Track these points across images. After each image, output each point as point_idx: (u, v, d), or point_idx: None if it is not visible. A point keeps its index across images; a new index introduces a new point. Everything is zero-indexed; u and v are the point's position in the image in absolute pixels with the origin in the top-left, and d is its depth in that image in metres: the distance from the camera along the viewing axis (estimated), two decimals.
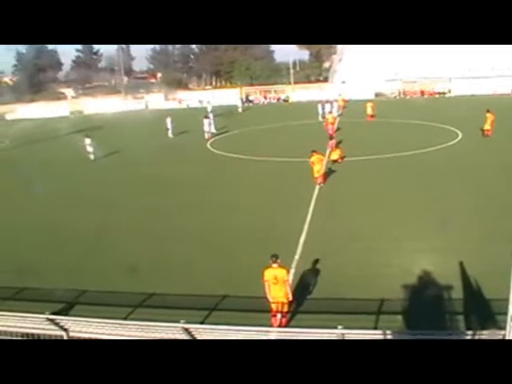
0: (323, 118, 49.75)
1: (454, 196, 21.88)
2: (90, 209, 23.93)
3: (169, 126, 46.62)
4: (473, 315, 12.27)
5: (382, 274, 14.47)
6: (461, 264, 14.55)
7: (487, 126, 36.00)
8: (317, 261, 15.73)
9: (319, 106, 52.06)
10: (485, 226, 17.89)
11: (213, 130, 46.75)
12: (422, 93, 76.68)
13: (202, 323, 11.99)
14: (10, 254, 18.17)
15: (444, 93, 75.66)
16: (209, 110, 53.45)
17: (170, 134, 46.56)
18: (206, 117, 45.83)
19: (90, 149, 37.03)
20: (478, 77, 73.00)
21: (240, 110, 67.86)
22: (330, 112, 47.13)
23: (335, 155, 30.40)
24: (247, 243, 17.97)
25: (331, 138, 34.26)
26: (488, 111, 36.36)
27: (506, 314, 8.51)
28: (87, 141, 37.42)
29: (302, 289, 14.14)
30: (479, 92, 69.13)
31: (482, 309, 12.37)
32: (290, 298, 12.29)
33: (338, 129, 41.83)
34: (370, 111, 49.98)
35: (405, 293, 13.38)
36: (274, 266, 11.92)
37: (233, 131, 47.99)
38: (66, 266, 16.84)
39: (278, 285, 11.88)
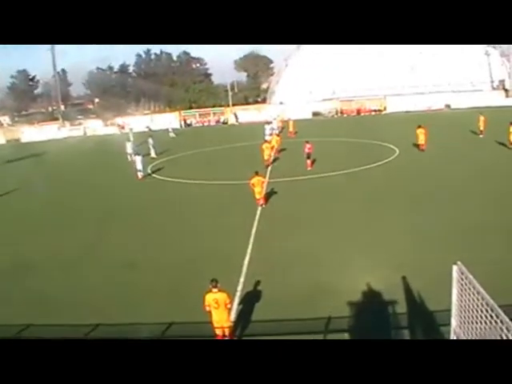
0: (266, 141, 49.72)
1: (395, 211, 22.30)
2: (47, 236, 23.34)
3: (150, 146, 47.09)
4: (418, 328, 12.41)
5: (327, 293, 14.45)
6: (404, 279, 14.74)
7: (421, 141, 37.15)
8: (262, 282, 15.60)
9: (267, 128, 50.73)
10: (426, 240, 18.23)
11: (153, 155, 46.40)
12: (359, 111, 78.36)
13: None
14: None
15: (380, 110, 77.53)
16: (131, 138, 50.94)
17: (152, 153, 46.63)
18: (137, 154, 38.83)
19: None
20: (412, 93, 75.35)
21: (172, 135, 66.39)
22: (271, 134, 46.92)
23: (274, 142, 35.31)
24: (190, 268, 17.68)
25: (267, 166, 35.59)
26: (419, 127, 37.50)
27: (449, 325, 8.67)
28: None
29: (247, 311, 13.99)
30: (414, 108, 71.25)
31: (426, 321, 12.52)
32: (232, 322, 12.19)
33: (283, 149, 42.55)
34: (291, 128, 55.09)
35: (351, 310, 13.42)
36: (214, 290, 11.80)
37: (172, 156, 47.62)
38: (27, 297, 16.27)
39: (219, 309, 11.76)
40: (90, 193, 33.67)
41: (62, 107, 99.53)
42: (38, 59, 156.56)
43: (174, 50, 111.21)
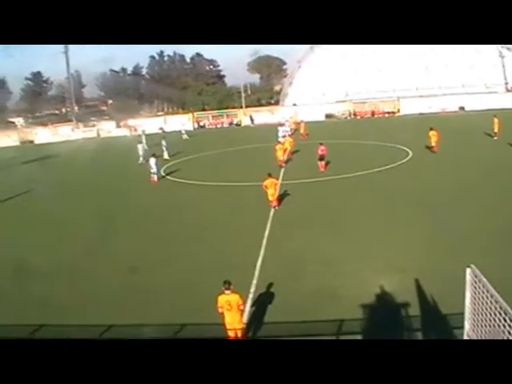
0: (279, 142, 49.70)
1: (408, 214, 22.19)
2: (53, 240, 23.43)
3: (164, 147, 47.59)
4: (431, 330, 12.36)
5: (339, 295, 14.42)
6: (417, 281, 14.68)
7: (433, 143, 37.09)
8: (274, 284, 15.59)
9: (280, 129, 50.78)
10: (439, 243, 18.12)
11: (166, 156, 46.54)
12: (372, 113, 78.08)
13: None
14: None
15: (393, 112, 77.18)
16: (143, 140, 50.40)
17: (165, 155, 47.06)
18: (153, 155, 37.93)
19: None
20: (425, 95, 74.98)
21: (185, 136, 66.26)
22: (284, 136, 46.65)
23: (287, 144, 38.18)
24: (202, 270, 17.69)
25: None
26: (431, 129, 37.48)
27: (463, 328, 8.63)
28: None
29: (260, 313, 13.98)
30: (428, 110, 70.86)
31: (440, 324, 12.45)
32: (244, 324, 12.22)
33: (295, 151, 42.59)
34: (302, 130, 55.32)
35: (363, 313, 13.37)
36: (227, 292, 11.78)
37: (185, 157, 47.69)
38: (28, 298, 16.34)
39: (232, 311, 11.74)
40: (99, 195, 33.78)
41: (76, 109, 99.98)
42: (52, 61, 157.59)
43: (187, 52, 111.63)
